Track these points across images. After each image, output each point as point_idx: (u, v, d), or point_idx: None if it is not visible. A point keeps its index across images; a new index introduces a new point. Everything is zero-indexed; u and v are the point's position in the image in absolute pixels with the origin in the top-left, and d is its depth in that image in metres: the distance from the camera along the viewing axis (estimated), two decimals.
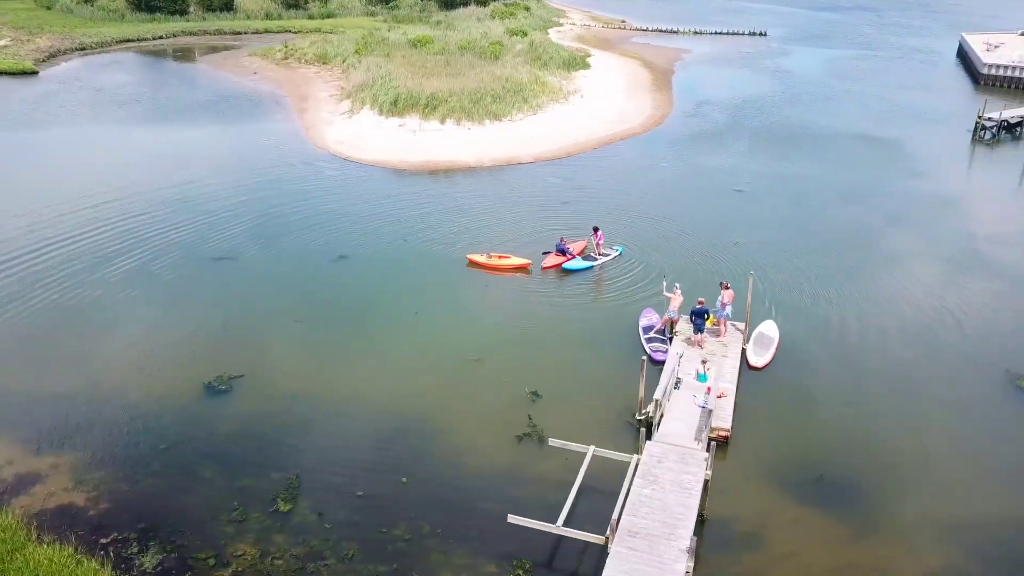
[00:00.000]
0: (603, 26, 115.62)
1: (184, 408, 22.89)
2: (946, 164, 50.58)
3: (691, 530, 16.11)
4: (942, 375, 25.29)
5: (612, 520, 16.20)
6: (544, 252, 33.14)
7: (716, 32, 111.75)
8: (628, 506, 16.74)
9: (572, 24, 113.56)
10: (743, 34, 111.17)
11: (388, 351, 26.13)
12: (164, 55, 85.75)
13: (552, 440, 19.99)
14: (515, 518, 17.41)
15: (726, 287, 25.95)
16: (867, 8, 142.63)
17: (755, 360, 25.11)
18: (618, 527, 15.91)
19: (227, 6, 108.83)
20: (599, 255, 33.02)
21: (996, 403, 23.93)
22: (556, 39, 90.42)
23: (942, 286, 31.68)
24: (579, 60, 76.49)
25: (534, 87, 59.09)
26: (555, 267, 32.36)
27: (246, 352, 25.62)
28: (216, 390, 23.58)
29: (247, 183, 42.40)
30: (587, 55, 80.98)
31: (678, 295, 26.42)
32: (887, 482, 20.35)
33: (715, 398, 21.25)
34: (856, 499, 19.76)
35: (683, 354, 24.51)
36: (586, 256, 32.97)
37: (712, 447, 18.10)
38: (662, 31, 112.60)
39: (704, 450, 18.82)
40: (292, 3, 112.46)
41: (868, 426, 22.55)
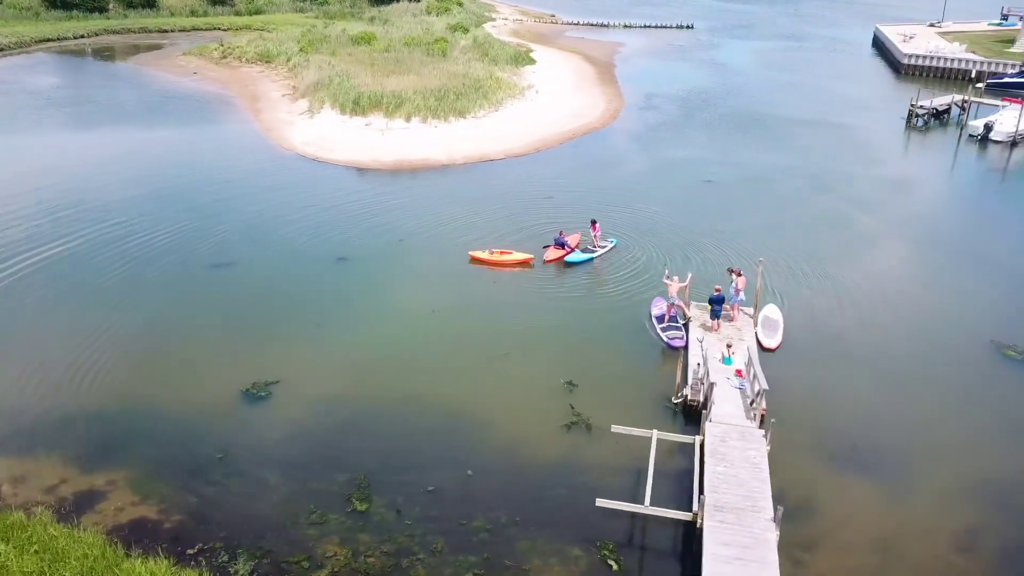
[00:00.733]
0: (535, 21, 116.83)
1: (227, 416, 22.77)
2: (889, 149, 53.80)
3: (770, 502, 17.26)
4: (935, 349, 27.25)
5: (699, 497, 17.19)
6: (544, 246, 33.94)
7: (645, 25, 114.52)
8: (707, 484, 17.76)
9: (504, 19, 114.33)
10: (671, 27, 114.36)
11: (415, 350, 26.45)
12: (89, 55, 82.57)
13: (615, 427, 20.85)
14: (603, 501, 18.23)
15: (739, 274, 27.33)
16: (782, 0, 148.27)
17: (767, 342, 26.55)
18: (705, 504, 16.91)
19: (149, 3, 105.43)
20: (596, 247, 34.01)
21: (988, 371, 25.99)
22: (494, 35, 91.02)
23: (917, 265, 33.99)
24: (524, 56, 77.39)
25: (491, 84, 59.61)
26: (557, 260, 33.19)
27: (274, 357, 25.54)
28: (256, 397, 23.51)
29: (221, 186, 41.69)
30: (529, 50, 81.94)
31: (675, 282, 27.62)
32: (908, 447, 21.96)
33: (751, 379, 22.50)
34: (887, 465, 21.28)
35: (703, 339, 25.74)
36: (585, 249, 33.90)
37: (771, 424, 19.33)
38: (593, 25, 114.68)
39: (758, 427, 20.03)
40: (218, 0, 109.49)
41: (880, 398, 24.16)
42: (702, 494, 17.53)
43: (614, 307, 29.78)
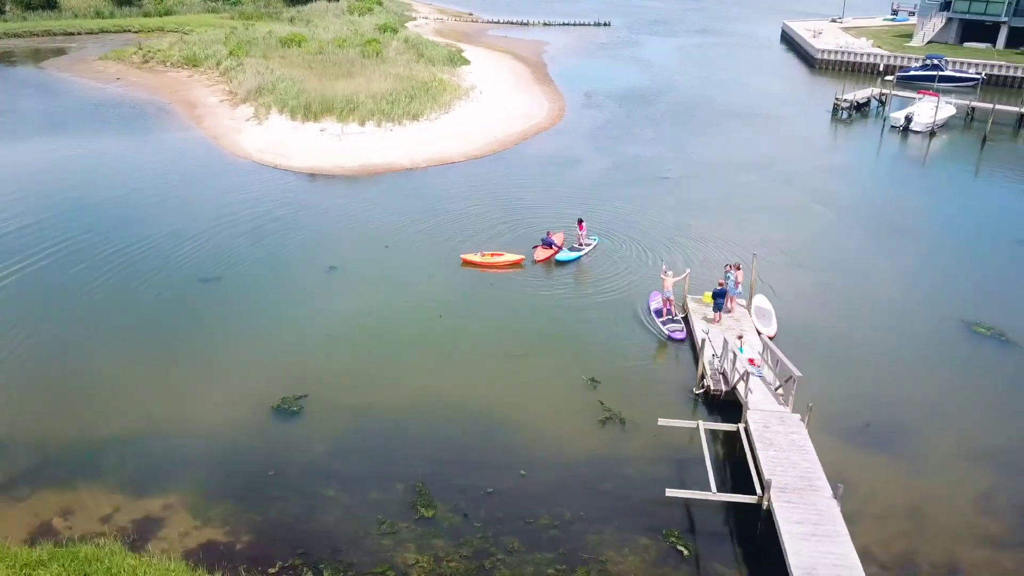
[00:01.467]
0: (455, 19, 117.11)
1: (265, 433, 22.66)
2: (822, 140, 57.18)
3: (826, 480, 18.63)
4: (912, 329, 29.40)
5: (764, 480, 18.38)
6: (533, 247, 34.71)
7: (564, 23, 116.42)
8: (764, 468, 18.98)
9: (425, 18, 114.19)
10: (589, 24, 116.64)
11: (430, 355, 26.77)
12: None
13: (661, 420, 21.85)
14: (673, 491, 19.22)
15: (737, 268, 28.84)
16: None
17: (766, 331, 28.13)
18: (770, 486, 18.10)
19: (49, 4, 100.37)
20: (582, 245, 35.02)
21: (964, 347, 28.35)
22: (422, 35, 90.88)
23: (877, 250, 36.39)
24: (457, 56, 77.74)
25: (437, 86, 59.80)
26: (546, 260, 34.03)
27: (295, 372, 25.43)
28: (288, 412, 23.44)
29: (183, 196, 40.66)
30: (460, 50, 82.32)
31: (670, 277, 28.95)
32: (910, 422, 23.78)
33: (775, 367, 23.90)
34: (896, 440, 23.04)
35: (708, 331, 27.12)
36: (572, 247, 34.85)
37: (810, 409, 20.76)
38: (512, 23, 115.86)
39: (790, 411, 21.44)
40: (125, 0, 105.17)
41: (873, 378, 25.89)
42: (760, 478, 18.70)
43: (610, 303, 30.78)
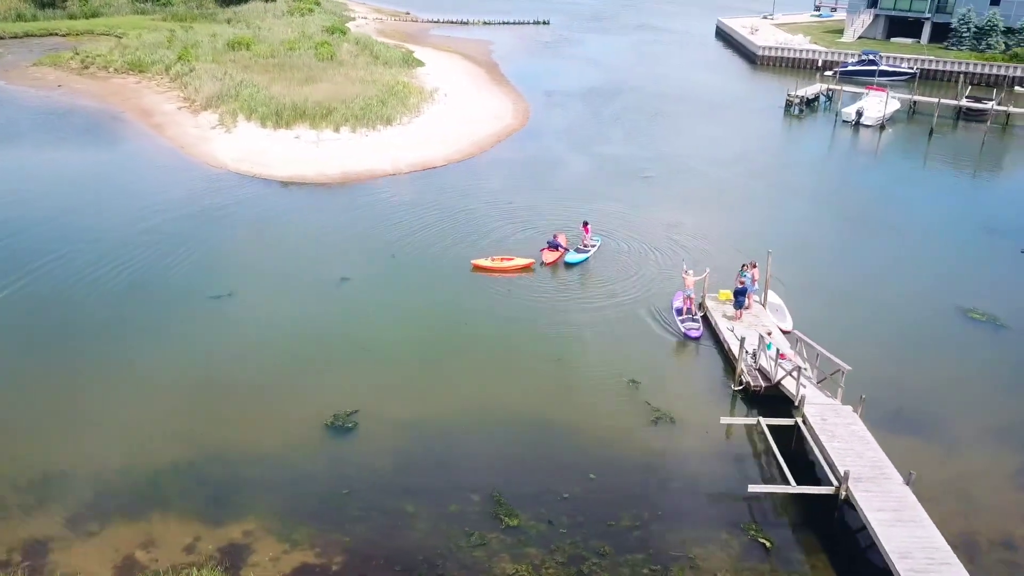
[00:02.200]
0: (394, 19, 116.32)
1: (325, 451, 22.52)
2: (782, 135, 59.64)
3: (894, 468, 19.72)
4: (913, 317, 31.00)
5: (838, 471, 19.35)
6: (541, 249, 35.17)
7: (503, 22, 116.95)
8: (834, 459, 19.96)
9: (364, 18, 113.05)
10: (529, 23, 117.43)
11: (469, 363, 26.95)
12: None
13: (723, 418, 22.72)
14: (755, 487, 20.03)
15: (754, 266, 29.95)
16: None
17: (783, 325, 29.35)
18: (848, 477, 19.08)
19: None
20: (587, 246, 35.65)
21: (964, 332, 30.12)
22: (369, 36, 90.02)
23: (864, 241, 38.18)
24: (410, 57, 77.40)
25: (403, 89, 59.52)
26: (555, 262, 34.57)
27: (339, 388, 25.22)
28: (343, 428, 23.31)
29: (168, 209, 39.32)
30: (410, 52, 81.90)
31: (691, 276, 29.93)
32: (930, 405, 25.20)
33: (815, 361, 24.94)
34: (923, 422, 24.37)
35: (733, 328, 28.17)
36: (578, 249, 35.45)
37: (862, 400, 21.89)
38: (453, 22, 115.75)
39: (840, 403, 22.55)
40: (48, 2, 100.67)
41: (887, 366, 27.07)
42: (833, 469, 19.68)
43: (626, 303, 31.40)
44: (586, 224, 35.95)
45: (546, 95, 68.16)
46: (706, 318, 30.00)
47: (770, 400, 24.71)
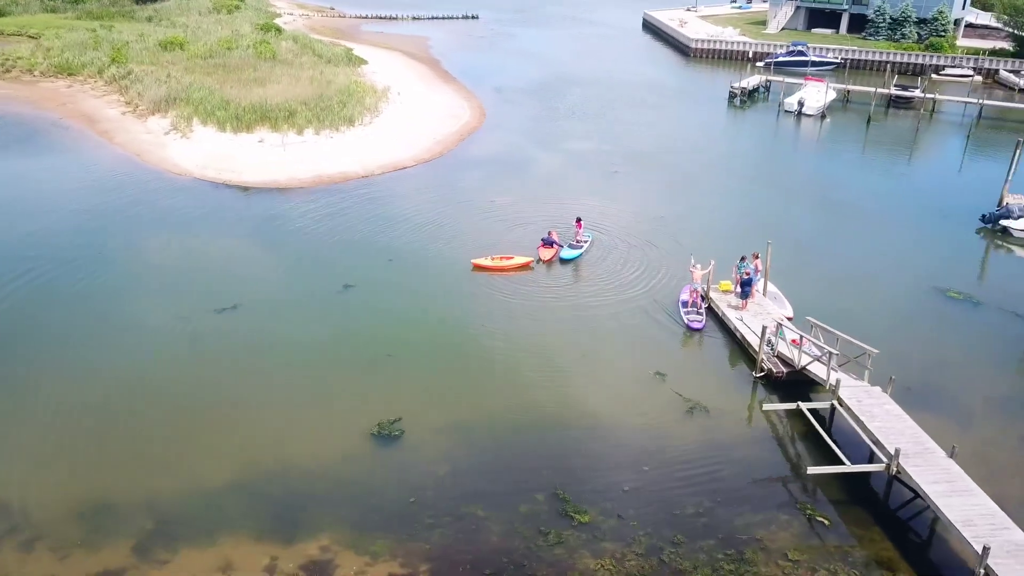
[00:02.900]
0: (321, 15, 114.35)
1: (377, 460, 22.47)
2: (731, 125, 61.91)
3: (935, 443, 21.08)
4: (897, 298, 32.92)
5: (887, 449, 20.59)
6: (537, 247, 35.65)
7: (432, 17, 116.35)
8: (880, 437, 21.19)
9: (290, 14, 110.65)
10: (458, 18, 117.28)
11: (496, 364, 27.20)
12: None
13: (765, 405, 23.75)
14: (814, 468, 21.07)
15: (756, 257, 31.17)
16: None
17: (785, 313, 30.73)
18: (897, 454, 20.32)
19: None
20: (579, 242, 36.33)
21: (944, 310, 32.17)
22: (305, 34, 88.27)
23: (831, 227, 40.11)
24: (351, 55, 76.42)
25: (358, 89, 58.84)
26: (552, 259, 35.13)
27: (373, 397, 25.10)
28: (389, 438, 23.31)
29: (145, 224, 38.01)
30: (349, 49, 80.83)
31: (699, 270, 31.04)
32: (937, 380, 26.98)
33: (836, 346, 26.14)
34: (929, 395, 25.90)
35: (742, 318, 29.38)
36: (571, 245, 36.08)
37: (892, 381, 23.26)
38: (381, 17, 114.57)
39: (868, 384, 23.88)
40: None
41: (883, 345, 28.43)
42: (880, 446, 20.91)
43: (631, 297, 32.20)
44: (579, 220, 36.62)
45: (496, 91, 68.47)
46: (710, 309, 31.05)
47: (792, 385, 25.93)
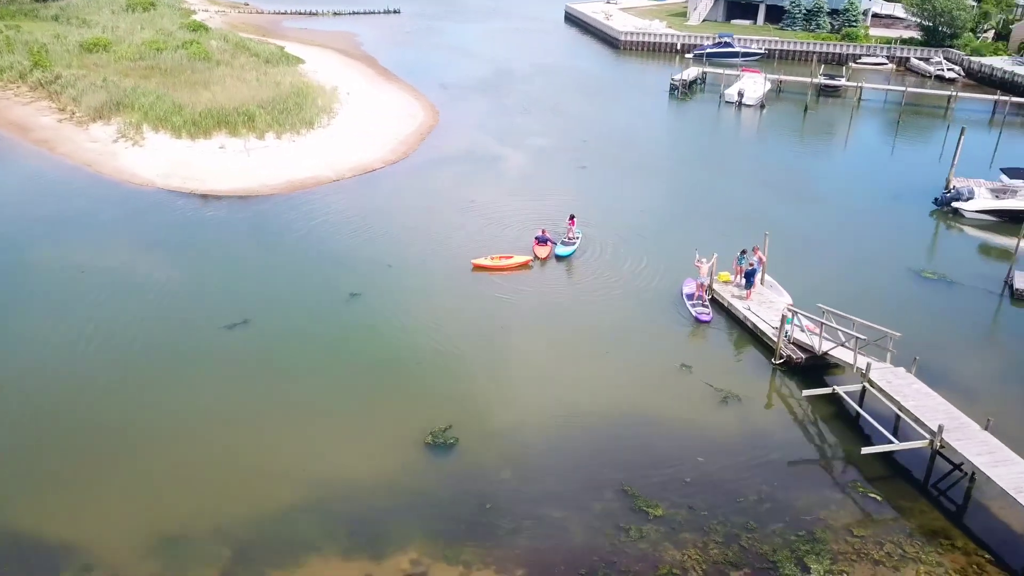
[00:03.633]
0: (237, 12, 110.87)
1: (440, 470, 22.50)
2: (679, 117, 64.09)
3: (967, 417, 22.70)
4: (877, 280, 34.89)
5: (928, 426, 22.08)
6: (532, 245, 36.11)
7: (354, 12, 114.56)
8: (918, 415, 22.67)
9: (205, 11, 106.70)
10: (380, 12, 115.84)
11: (525, 364, 27.52)
12: None
13: (806, 391, 25.01)
14: (867, 448, 22.35)
15: (756, 250, 32.46)
16: None
17: (785, 301, 32.21)
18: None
19: None
20: (572, 239, 36.96)
21: (922, 289, 34.38)
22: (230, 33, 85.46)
23: (798, 213, 42.11)
24: (286, 54, 74.63)
25: (309, 90, 57.67)
26: (547, 257, 35.68)
27: (416, 405, 25.03)
28: (445, 446, 23.36)
29: (125, 241, 36.33)
30: (281, 47, 78.84)
31: (704, 264, 32.22)
32: (936, 360, 28.76)
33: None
34: (934, 368, 27.65)
35: (749, 307, 30.71)
36: (563, 242, 36.66)
37: (915, 361, 24.86)
38: (301, 13, 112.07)
39: (891, 366, 25.42)
40: None
41: (885, 321, 29.96)
42: (920, 423, 22.39)
43: (635, 291, 33.08)
44: (572, 217, 37.22)
45: (441, 88, 68.25)
46: (713, 301, 32.20)
47: (806, 370, 27.36)
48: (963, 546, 20.26)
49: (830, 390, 24.93)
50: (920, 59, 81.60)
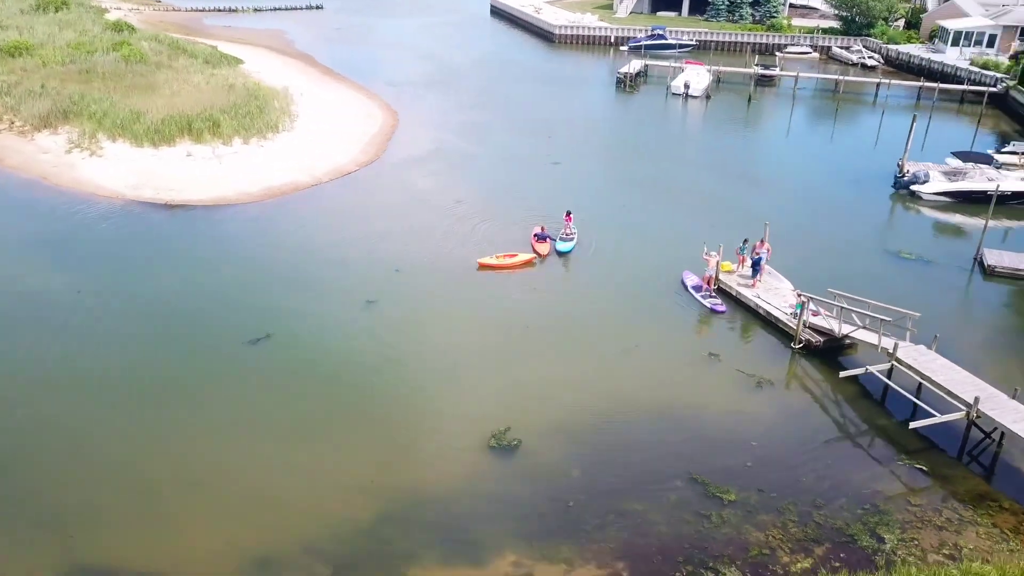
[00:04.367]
0: (153, 10, 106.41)
1: (511, 472, 22.78)
2: (631, 110, 65.28)
3: (993, 388, 24.49)
4: (861, 262, 36.91)
5: (963, 398, 23.77)
6: (533, 243, 36.60)
7: (275, 8, 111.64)
8: (950, 389, 24.34)
9: (118, 9, 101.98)
10: (302, 8, 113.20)
11: (558, 361, 27.94)
12: None
13: (842, 372, 26.41)
14: (915, 423, 23.80)
15: (763, 242, 33.72)
16: None
17: (787, 287, 33.77)
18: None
19: None
20: (569, 234, 37.57)
21: (905, 268, 36.49)
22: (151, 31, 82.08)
23: (771, 201, 43.87)
24: (225, 55, 72.42)
25: (263, 92, 56.24)
26: (548, 253, 36.25)
27: (470, 410, 25.17)
28: (509, 448, 23.67)
29: (111, 255, 34.99)
30: (214, 47, 76.37)
31: (713, 257, 33.42)
32: (945, 335, 30.94)
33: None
34: (956, 349, 29.74)
35: (759, 295, 32.13)
36: (561, 238, 37.25)
37: (936, 339, 26.61)
38: (220, 10, 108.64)
39: (912, 344, 27.10)
40: None
41: (883, 298, 32.19)
42: (955, 396, 24.06)
43: (640, 285, 33.92)
44: (568, 213, 37.83)
45: (390, 86, 67.55)
46: (720, 291, 33.41)
47: (824, 352, 28.90)
48: (1009, 507, 21.99)
49: (863, 370, 26.41)
50: (842, 48, 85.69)
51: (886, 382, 25.92)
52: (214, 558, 19.43)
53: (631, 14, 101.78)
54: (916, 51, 79.48)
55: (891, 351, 26.17)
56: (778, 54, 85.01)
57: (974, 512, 21.76)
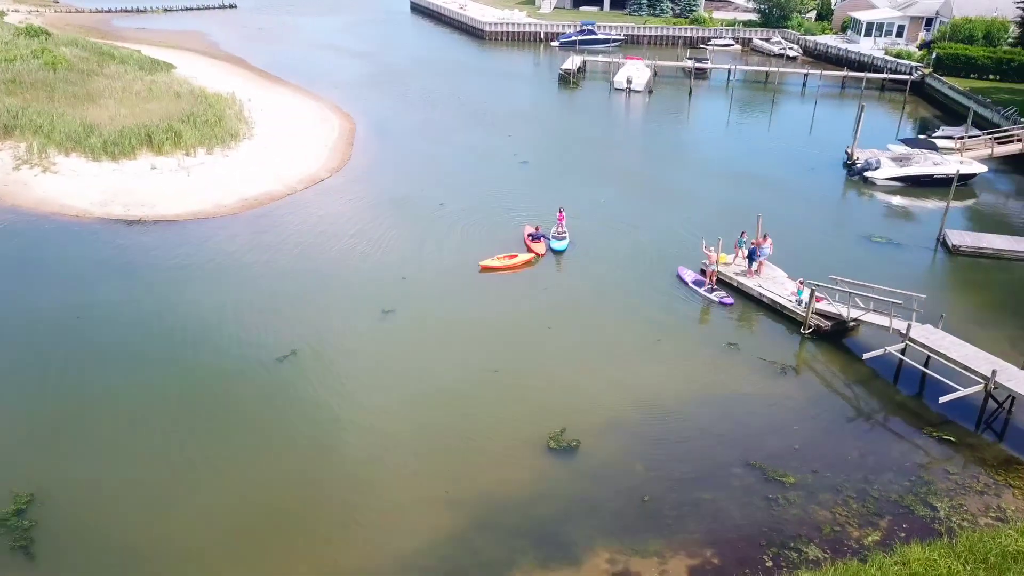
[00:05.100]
0: (53, 11, 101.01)
1: (572, 472, 23.08)
2: (576, 106, 66.38)
3: (1004, 361, 26.54)
4: (835, 246, 39.06)
5: (981, 373, 25.73)
6: (529, 243, 37.13)
7: (186, 8, 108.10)
8: (967, 365, 26.28)
9: (15, 11, 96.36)
10: (215, 7, 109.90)
11: (589, 360, 28.57)
12: None
13: (865, 355, 27.98)
14: (944, 398, 25.50)
15: (765, 238, 35.11)
16: None
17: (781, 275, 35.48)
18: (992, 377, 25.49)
19: None
20: (561, 233, 38.24)
21: (879, 253, 38.83)
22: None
23: (736, 192, 45.84)
24: (154, 60, 69.70)
25: (214, 100, 54.49)
26: (544, 252, 36.87)
27: (519, 414, 25.48)
28: (570, 448, 24.14)
29: (105, 280, 33.47)
30: (137, 51, 73.36)
31: (714, 251, 34.72)
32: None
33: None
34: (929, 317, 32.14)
35: (761, 284, 33.69)
36: (554, 236, 37.90)
37: (942, 317, 28.59)
38: (127, 11, 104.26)
39: (919, 324, 29.00)
40: None
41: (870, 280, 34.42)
42: (973, 371, 26.01)
43: (641, 280, 35.01)
44: (561, 211, 38.46)
45: (335, 88, 66.61)
46: (721, 282, 34.75)
47: (832, 336, 30.64)
48: None
49: (882, 351, 28.14)
50: (763, 40, 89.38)
51: (903, 359, 27.69)
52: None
53: (555, 9, 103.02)
54: (832, 42, 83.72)
55: (904, 332, 27.96)
56: (703, 46, 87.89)
57: (1007, 477, 23.66)
